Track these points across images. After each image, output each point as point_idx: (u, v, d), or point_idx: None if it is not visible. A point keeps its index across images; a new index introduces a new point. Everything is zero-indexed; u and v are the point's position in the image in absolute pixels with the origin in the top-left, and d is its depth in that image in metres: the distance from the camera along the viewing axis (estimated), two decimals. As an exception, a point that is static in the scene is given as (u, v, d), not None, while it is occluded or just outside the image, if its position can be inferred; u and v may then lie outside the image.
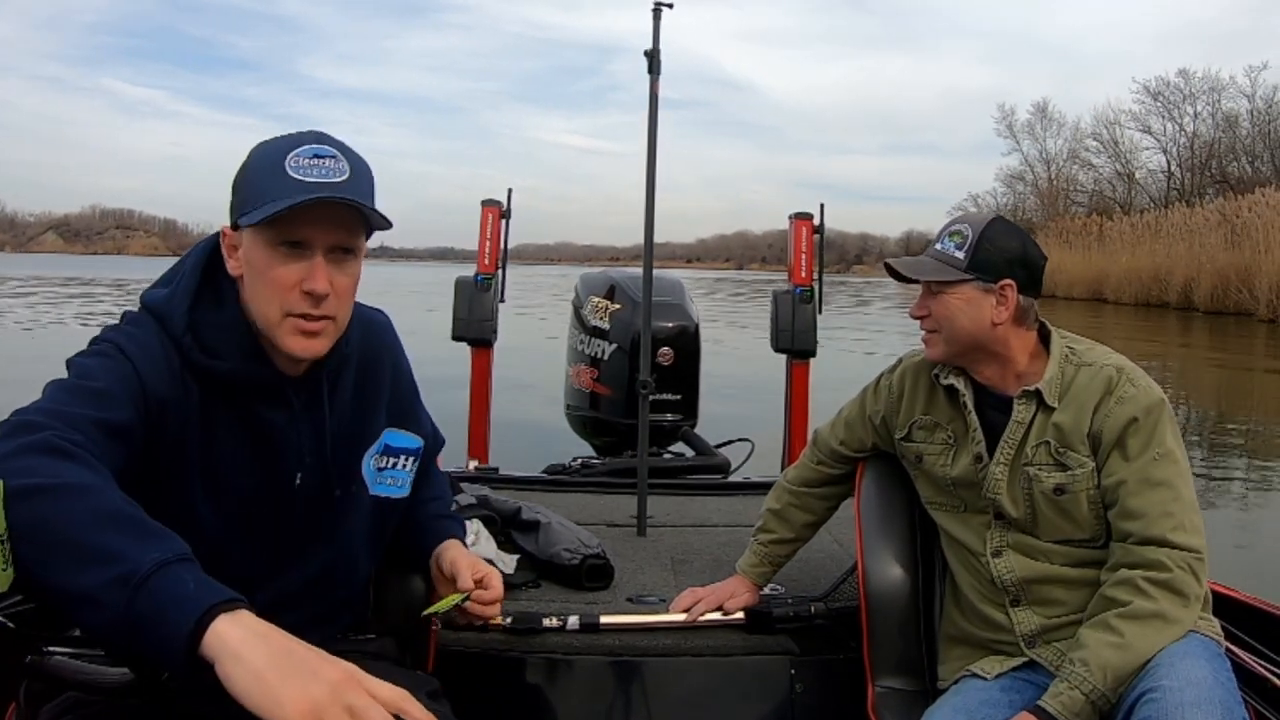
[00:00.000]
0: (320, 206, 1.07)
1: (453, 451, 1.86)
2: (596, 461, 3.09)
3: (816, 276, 3.13)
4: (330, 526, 1.22)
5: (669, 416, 3.09)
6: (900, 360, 1.71)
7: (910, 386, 1.66)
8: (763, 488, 2.09)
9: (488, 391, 3.22)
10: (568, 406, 3.35)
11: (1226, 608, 1.60)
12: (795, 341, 3.06)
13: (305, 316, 1.11)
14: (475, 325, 3.11)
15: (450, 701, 1.27)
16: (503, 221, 3.18)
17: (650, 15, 2.42)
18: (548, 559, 1.93)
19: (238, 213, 1.12)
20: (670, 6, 2.42)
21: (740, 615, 1.79)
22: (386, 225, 1.13)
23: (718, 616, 1.79)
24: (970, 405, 1.55)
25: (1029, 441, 1.50)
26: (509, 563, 1.87)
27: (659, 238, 2.62)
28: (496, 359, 3.25)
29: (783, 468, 2.57)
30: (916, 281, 1.55)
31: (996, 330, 1.50)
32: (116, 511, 0.89)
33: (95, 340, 1.11)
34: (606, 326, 3.14)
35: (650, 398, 2.40)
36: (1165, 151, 41.47)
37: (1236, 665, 1.43)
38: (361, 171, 1.13)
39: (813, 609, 1.79)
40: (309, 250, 1.10)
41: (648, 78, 2.44)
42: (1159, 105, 41.12)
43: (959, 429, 1.58)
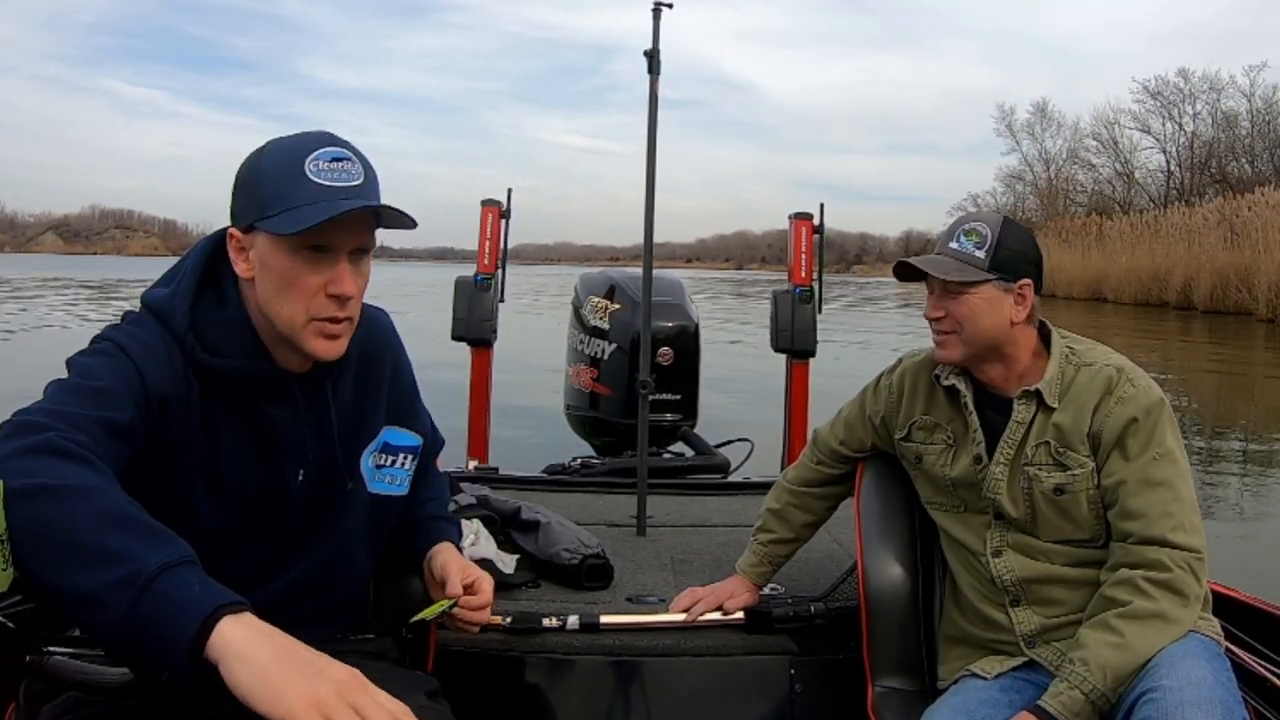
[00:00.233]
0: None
1: (452, 452, 1.86)
2: (596, 461, 3.09)
3: (816, 276, 3.13)
4: (328, 524, 1.22)
5: (669, 416, 3.09)
6: (900, 360, 1.71)
7: (910, 387, 1.66)
8: (763, 488, 2.09)
9: (487, 391, 3.22)
10: (567, 406, 3.35)
11: (1226, 608, 1.60)
12: (795, 341, 3.06)
13: (331, 320, 1.11)
14: (475, 325, 3.11)
15: (450, 701, 1.27)
16: (502, 221, 3.19)
17: (650, 15, 2.42)
18: (547, 559, 1.93)
19: (254, 215, 1.10)
20: (670, 6, 2.42)
21: (740, 615, 1.79)
22: (413, 225, 1.13)
23: (717, 616, 1.79)
24: (971, 406, 1.55)
25: (1029, 441, 1.50)
26: (509, 563, 1.87)
27: (659, 238, 2.62)
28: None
29: (782, 468, 2.57)
30: (917, 280, 1.55)
31: (1013, 330, 1.50)
32: (120, 512, 0.89)
33: (96, 339, 1.11)
34: (606, 326, 3.14)
35: (650, 398, 2.40)
36: (1165, 151, 41.47)
37: (1236, 665, 1.43)
38: (371, 171, 1.14)
39: (812, 609, 1.79)
40: (333, 254, 1.10)
41: (647, 78, 2.45)
42: (1158, 105, 41.11)
43: (959, 429, 1.58)
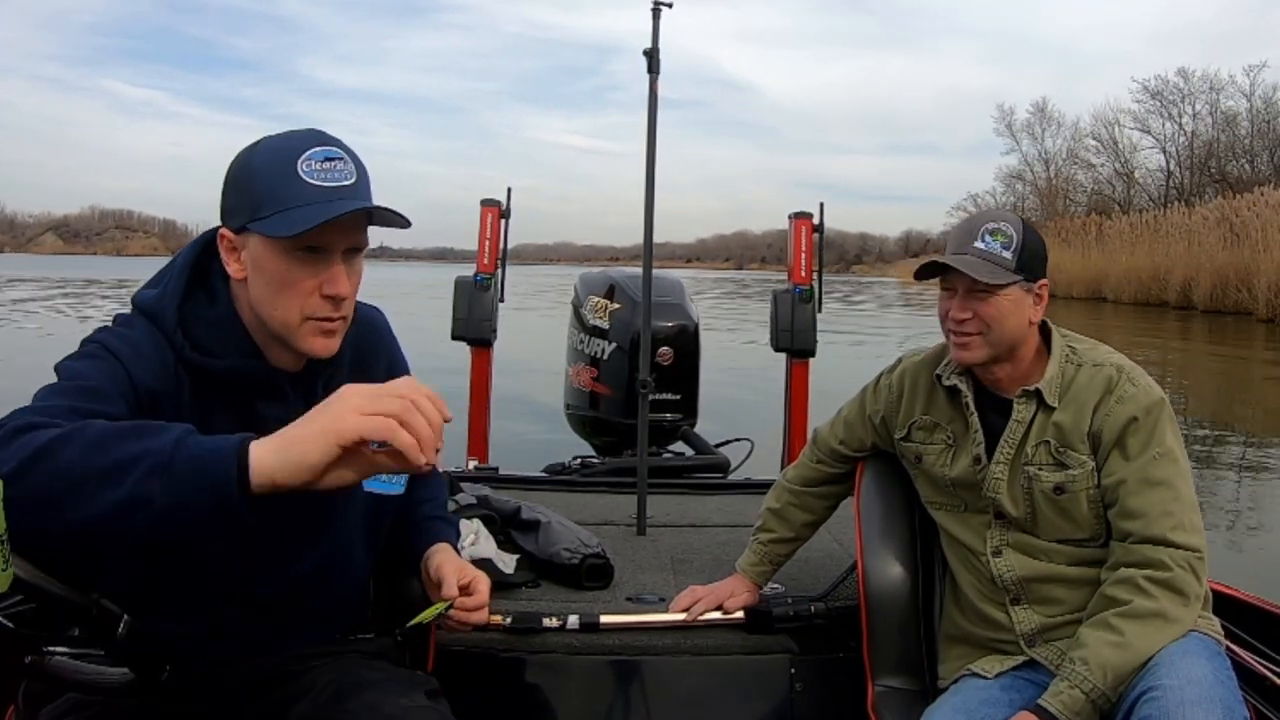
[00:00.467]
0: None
1: (452, 451, 1.86)
2: (596, 461, 3.09)
3: (816, 276, 3.13)
4: (325, 522, 1.22)
5: (668, 416, 3.09)
6: (900, 360, 1.71)
7: (910, 386, 1.66)
8: (763, 487, 2.09)
9: (487, 391, 3.22)
10: (567, 406, 3.35)
11: (1226, 606, 1.60)
12: (795, 341, 3.06)
13: (326, 319, 1.12)
14: (475, 325, 3.11)
15: (450, 701, 1.26)
16: (502, 221, 3.18)
17: (650, 15, 2.42)
18: (547, 558, 1.93)
19: (247, 216, 1.10)
20: (670, 6, 2.42)
21: (740, 614, 1.79)
22: (406, 224, 1.14)
23: (717, 616, 1.79)
24: (972, 406, 1.55)
25: (1029, 441, 1.50)
26: (509, 562, 1.86)
27: (659, 238, 2.62)
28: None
29: (782, 467, 2.56)
30: (930, 278, 1.53)
31: (1029, 330, 1.51)
32: (111, 430, 0.91)
33: (84, 342, 1.11)
34: (606, 326, 3.14)
35: (650, 397, 2.40)
36: (1164, 151, 41.44)
37: (1236, 664, 1.43)
38: (363, 169, 1.14)
39: (812, 608, 1.79)
40: (327, 254, 1.10)
41: (647, 78, 2.44)
42: (1158, 104, 41.10)
43: (959, 429, 1.58)
